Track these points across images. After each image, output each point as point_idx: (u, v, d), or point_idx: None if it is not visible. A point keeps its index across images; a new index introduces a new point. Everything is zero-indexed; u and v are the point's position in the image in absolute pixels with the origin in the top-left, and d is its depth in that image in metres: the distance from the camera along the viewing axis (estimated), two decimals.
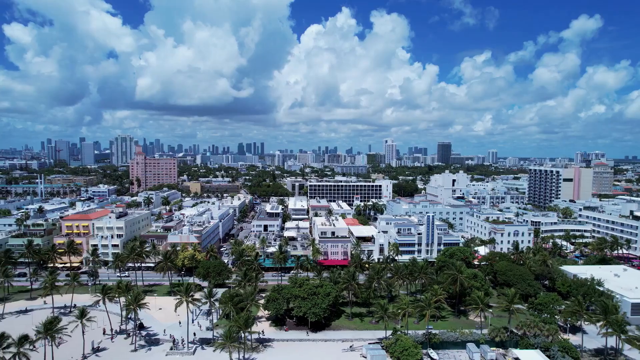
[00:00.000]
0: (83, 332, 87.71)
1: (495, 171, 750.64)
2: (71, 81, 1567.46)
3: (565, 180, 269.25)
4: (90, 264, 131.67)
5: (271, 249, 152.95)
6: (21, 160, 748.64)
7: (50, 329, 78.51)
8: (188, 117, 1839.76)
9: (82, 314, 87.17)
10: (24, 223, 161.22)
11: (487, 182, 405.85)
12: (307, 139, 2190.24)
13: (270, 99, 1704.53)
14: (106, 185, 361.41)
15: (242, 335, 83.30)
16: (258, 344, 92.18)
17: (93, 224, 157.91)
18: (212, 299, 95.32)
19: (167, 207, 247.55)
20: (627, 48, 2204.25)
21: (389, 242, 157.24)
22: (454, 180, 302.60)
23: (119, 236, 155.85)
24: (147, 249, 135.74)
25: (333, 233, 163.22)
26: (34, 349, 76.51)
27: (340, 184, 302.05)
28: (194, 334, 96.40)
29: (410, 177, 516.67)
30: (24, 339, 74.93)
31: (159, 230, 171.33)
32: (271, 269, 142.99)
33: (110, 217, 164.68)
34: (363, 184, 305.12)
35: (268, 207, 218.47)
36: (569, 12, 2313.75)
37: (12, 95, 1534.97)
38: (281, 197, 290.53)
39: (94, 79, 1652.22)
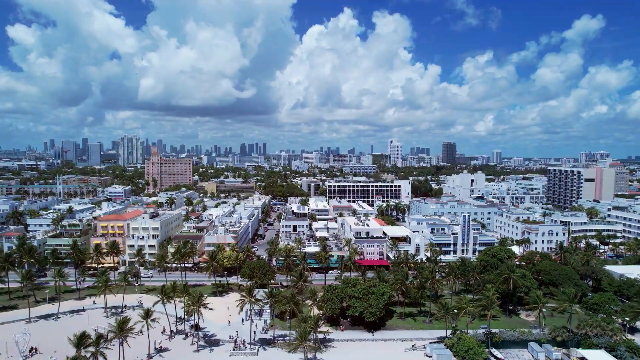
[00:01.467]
0: (148, 332, 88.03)
1: (502, 171, 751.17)
2: (74, 82, 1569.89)
3: (586, 180, 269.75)
4: (136, 265, 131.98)
5: (308, 249, 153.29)
6: (29, 161, 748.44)
7: (124, 329, 78.86)
8: (190, 118, 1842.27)
9: (148, 314, 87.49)
10: (60, 223, 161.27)
11: (501, 182, 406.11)
12: (309, 139, 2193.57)
13: (272, 99, 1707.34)
14: (121, 186, 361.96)
15: (314, 335, 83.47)
16: (319, 344, 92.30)
17: (128, 224, 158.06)
18: (273, 299, 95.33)
19: (190, 208, 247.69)
20: (629, 48, 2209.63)
21: (425, 242, 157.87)
22: (472, 181, 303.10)
23: (154, 236, 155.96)
24: (189, 250, 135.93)
25: (367, 233, 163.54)
26: (109, 347, 77.01)
27: (358, 184, 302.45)
28: (254, 332, 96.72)
29: (422, 177, 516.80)
30: (100, 338, 75.46)
31: (191, 231, 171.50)
32: (313, 269, 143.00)
33: (144, 218, 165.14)
34: (382, 184, 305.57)
35: (294, 208, 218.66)
36: (572, 12, 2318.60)
37: (15, 96, 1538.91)
38: (304, 198, 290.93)
39: (97, 79, 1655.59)
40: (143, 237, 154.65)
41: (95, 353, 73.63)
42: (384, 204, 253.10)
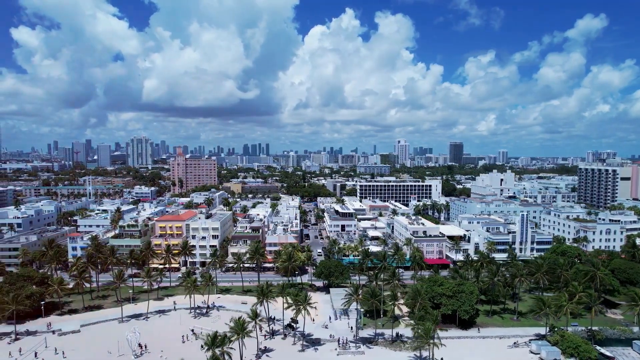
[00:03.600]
0: (257, 332, 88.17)
1: (513, 170, 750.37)
2: (78, 84, 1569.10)
3: (622, 179, 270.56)
4: (212, 265, 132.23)
5: (371, 248, 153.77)
6: (41, 162, 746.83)
7: (243, 329, 79.19)
8: (192, 119, 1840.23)
9: (255, 314, 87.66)
10: (119, 224, 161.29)
11: (522, 182, 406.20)
12: (310, 139, 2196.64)
13: (275, 100, 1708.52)
14: (146, 187, 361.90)
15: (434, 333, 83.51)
16: (440, 341, 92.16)
17: (187, 224, 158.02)
18: (375, 299, 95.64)
19: (227, 208, 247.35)
20: (631, 47, 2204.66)
21: (482, 241, 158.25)
22: (501, 180, 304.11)
23: (214, 237, 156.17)
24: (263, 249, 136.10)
25: (425, 232, 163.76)
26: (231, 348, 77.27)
27: (389, 184, 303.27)
28: (351, 329, 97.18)
29: (438, 177, 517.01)
30: (225, 338, 75.77)
31: (245, 231, 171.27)
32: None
33: (200, 218, 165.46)
34: (413, 184, 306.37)
35: (338, 207, 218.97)
36: (574, 11, 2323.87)
37: (20, 98, 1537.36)
38: (340, 197, 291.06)
39: (101, 81, 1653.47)
40: (204, 237, 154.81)
41: (223, 352, 74.08)
42: (420, 203, 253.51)
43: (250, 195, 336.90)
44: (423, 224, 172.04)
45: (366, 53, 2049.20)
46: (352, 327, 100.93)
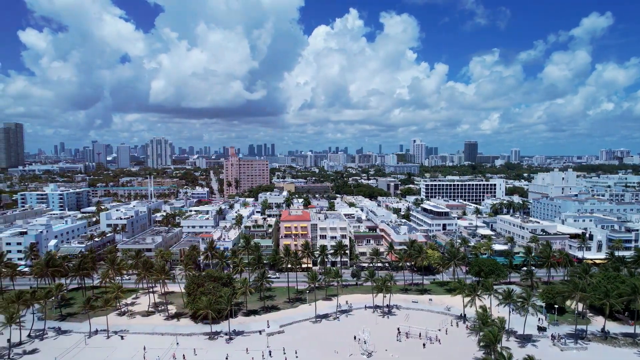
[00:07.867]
0: None
1: (530, 169, 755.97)
2: (86, 85, 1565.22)
3: None
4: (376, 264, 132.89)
5: (495, 247, 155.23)
6: (67, 164, 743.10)
7: (503, 327, 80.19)
8: (197, 120, 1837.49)
9: (485, 311, 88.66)
10: (244, 225, 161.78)
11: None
12: (313, 139, 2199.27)
13: (280, 100, 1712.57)
14: (200, 188, 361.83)
15: None
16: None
17: (315, 225, 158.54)
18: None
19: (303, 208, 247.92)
20: (636, 45, 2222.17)
21: (604, 240, 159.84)
22: (562, 178, 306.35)
23: (343, 237, 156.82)
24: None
25: (543, 230, 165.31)
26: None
27: (454, 183, 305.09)
28: (540, 321, 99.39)
29: (469, 176, 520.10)
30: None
31: (362, 230, 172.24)
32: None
33: (319, 219, 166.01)
34: (477, 183, 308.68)
35: (426, 206, 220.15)
36: (580, 10, 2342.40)
37: (27, 100, 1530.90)
38: (417, 197, 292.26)
39: (108, 83, 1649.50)
40: (334, 237, 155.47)
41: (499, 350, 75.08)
42: (497, 202, 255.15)
43: (309, 195, 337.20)
44: (539, 222, 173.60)
45: (371, 53, 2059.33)
46: (540, 321, 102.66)
